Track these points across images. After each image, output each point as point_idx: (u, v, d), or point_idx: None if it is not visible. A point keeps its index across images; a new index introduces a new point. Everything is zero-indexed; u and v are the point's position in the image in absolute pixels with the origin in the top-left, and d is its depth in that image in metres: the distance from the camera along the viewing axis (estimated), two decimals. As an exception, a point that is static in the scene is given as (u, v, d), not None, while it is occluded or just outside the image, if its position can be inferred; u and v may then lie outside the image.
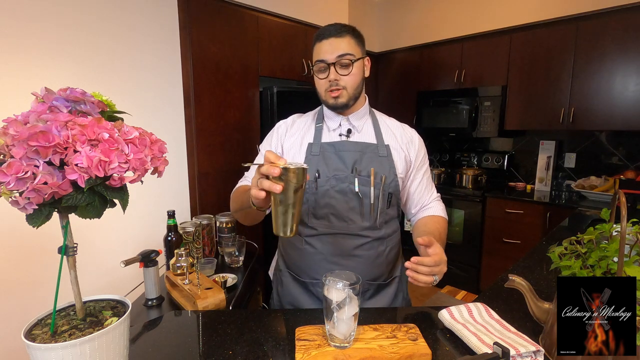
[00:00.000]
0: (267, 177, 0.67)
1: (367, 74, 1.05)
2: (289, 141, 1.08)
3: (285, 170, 0.65)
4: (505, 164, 3.14)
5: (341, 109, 1.04)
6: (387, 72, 3.62)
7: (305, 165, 0.67)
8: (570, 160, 2.88)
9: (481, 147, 3.38)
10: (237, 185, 1.13)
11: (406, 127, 1.14)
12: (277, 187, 0.65)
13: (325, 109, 1.09)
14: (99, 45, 1.68)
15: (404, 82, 3.50)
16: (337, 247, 1.02)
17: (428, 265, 0.82)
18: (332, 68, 0.97)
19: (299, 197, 0.69)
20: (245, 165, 0.73)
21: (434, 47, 3.24)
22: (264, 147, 1.13)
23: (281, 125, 1.13)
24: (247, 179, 1.13)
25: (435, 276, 0.84)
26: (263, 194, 0.68)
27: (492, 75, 2.90)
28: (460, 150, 3.48)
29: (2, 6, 1.41)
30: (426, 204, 1.15)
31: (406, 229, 2.64)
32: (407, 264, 0.83)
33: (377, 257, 1.04)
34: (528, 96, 2.74)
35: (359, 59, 0.99)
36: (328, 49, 0.97)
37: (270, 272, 1.25)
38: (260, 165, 0.68)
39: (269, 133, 1.14)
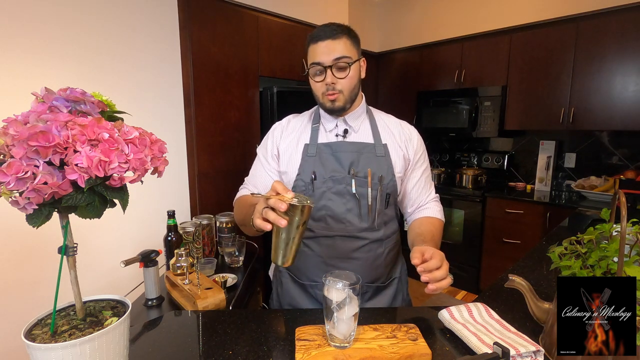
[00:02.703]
0: (273, 209, 0.68)
1: (363, 75, 1.03)
2: (284, 142, 1.07)
3: (292, 206, 0.66)
4: (505, 164, 3.14)
5: (338, 112, 1.03)
6: (387, 72, 3.62)
7: (311, 203, 0.69)
8: (570, 160, 2.88)
9: (481, 147, 3.38)
10: (238, 194, 1.12)
11: (405, 124, 1.12)
12: (282, 222, 0.66)
13: (321, 109, 1.09)
14: (99, 45, 1.68)
15: (404, 82, 3.50)
16: (335, 249, 1.01)
17: (437, 266, 0.77)
18: (328, 71, 0.96)
19: (301, 231, 0.70)
20: (255, 195, 0.76)
21: (434, 47, 3.24)
22: (260, 151, 1.12)
23: (276, 128, 1.11)
24: (247, 186, 1.12)
25: (450, 274, 0.79)
26: (269, 226, 0.69)
27: (492, 75, 2.90)
28: (460, 150, 3.48)
29: (2, 6, 1.41)
30: (423, 204, 1.12)
31: (405, 229, 2.64)
32: (422, 277, 0.77)
33: (376, 259, 1.03)
34: (528, 96, 2.74)
35: (355, 61, 0.98)
36: (324, 52, 0.95)
37: (271, 272, 1.25)
38: (268, 197, 0.69)
39: (266, 136, 1.13)
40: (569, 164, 2.88)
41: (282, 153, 1.07)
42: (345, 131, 1.05)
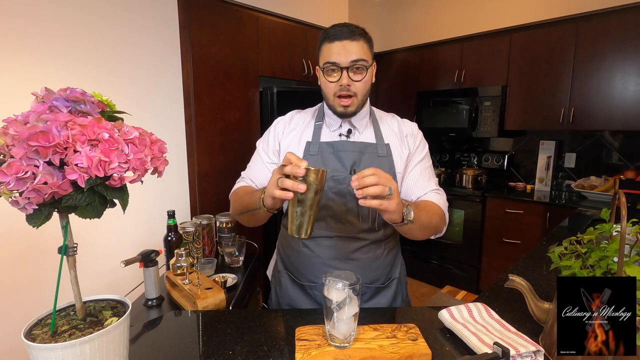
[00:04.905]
0: (288, 177, 0.69)
1: (373, 79, 1.01)
2: (287, 138, 1.06)
3: (308, 171, 0.67)
4: (505, 164, 3.14)
5: (348, 117, 1.02)
6: (387, 72, 3.61)
7: (326, 169, 0.70)
8: (570, 160, 2.88)
9: (481, 147, 3.38)
10: (235, 187, 1.11)
11: (407, 121, 1.11)
12: (302, 187, 0.67)
13: (326, 107, 1.07)
14: (99, 45, 1.68)
15: (404, 82, 3.50)
16: (335, 250, 1.00)
17: (370, 173, 0.71)
18: (344, 73, 0.93)
19: (317, 199, 0.71)
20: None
21: (434, 47, 3.23)
22: (261, 144, 1.11)
23: (279, 122, 1.10)
24: (245, 179, 1.11)
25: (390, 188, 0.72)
26: (290, 194, 0.69)
27: (492, 75, 2.90)
28: (460, 150, 3.48)
29: (1, 6, 1.41)
30: (421, 196, 1.04)
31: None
32: (353, 181, 0.71)
33: (375, 259, 1.03)
34: (528, 96, 2.74)
35: (371, 65, 0.96)
36: (341, 52, 0.92)
37: (269, 273, 1.25)
38: (283, 166, 0.70)
39: (267, 130, 1.12)
40: (569, 164, 2.88)
41: (283, 150, 1.06)
42: (349, 131, 1.04)
